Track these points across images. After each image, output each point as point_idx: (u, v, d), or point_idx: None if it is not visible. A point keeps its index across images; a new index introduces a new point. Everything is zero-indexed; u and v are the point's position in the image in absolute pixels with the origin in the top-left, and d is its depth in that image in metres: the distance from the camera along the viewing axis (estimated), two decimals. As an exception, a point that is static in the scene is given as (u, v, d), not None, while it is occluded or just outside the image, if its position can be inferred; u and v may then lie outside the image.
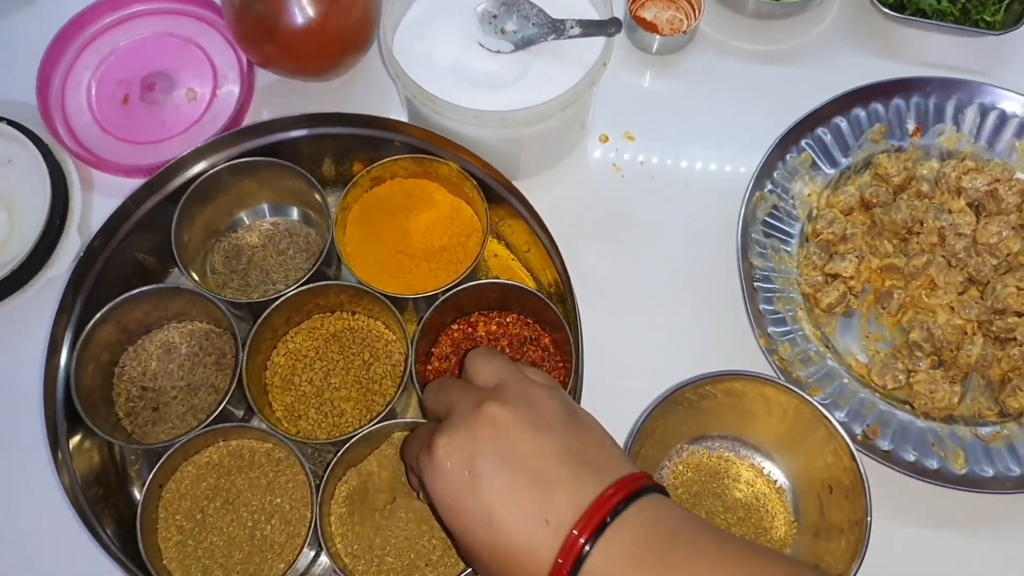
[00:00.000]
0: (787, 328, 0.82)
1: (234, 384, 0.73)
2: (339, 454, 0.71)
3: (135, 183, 0.86)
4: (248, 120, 0.93)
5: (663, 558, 0.50)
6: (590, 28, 0.81)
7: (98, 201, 0.89)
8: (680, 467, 0.78)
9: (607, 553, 0.50)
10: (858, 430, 0.78)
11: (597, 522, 0.50)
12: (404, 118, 0.92)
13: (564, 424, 0.56)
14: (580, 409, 0.60)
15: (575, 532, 0.50)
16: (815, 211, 0.88)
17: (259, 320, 0.75)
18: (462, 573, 0.67)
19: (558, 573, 0.50)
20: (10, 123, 0.88)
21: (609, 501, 0.51)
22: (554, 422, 0.56)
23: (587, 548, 0.50)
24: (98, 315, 0.74)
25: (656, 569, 0.49)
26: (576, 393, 0.74)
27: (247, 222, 0.86)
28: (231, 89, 0.93)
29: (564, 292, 0.77)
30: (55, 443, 0.72)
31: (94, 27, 0.95)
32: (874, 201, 0.86)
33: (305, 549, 0.70)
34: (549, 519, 0.51)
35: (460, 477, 0.54)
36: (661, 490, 0.54)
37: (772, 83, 0.96)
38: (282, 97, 0.94)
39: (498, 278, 0.85)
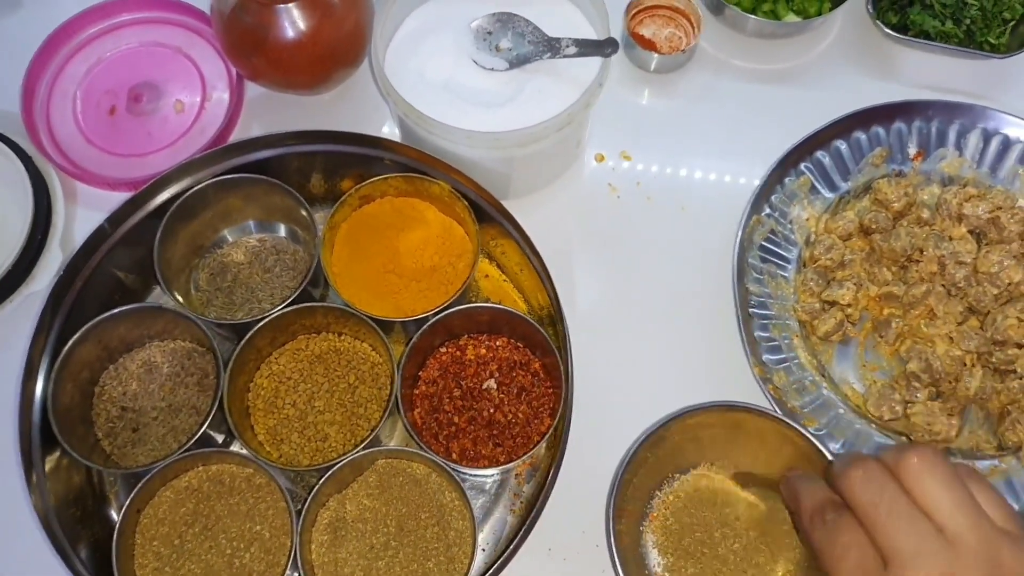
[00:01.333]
0: (782, 356, 0.81)
1: (215, 407, 0.72)
2: (322, 480, 0.69)
3: (120, 196, 0.85)
4: (236, 133, 0.92)
5: None
6: (586, 48, 0.79)
7: (81, 215, 0.87)
8: (671, 497, 0.76)
9: None
10: (853, 463, 0.76)
11: None
12: (396, 133, 0.90)
13: None
14: None
15: None
16: (813, 236, 0.86)
17: (242, 341, 0.73)
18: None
19: None
20: (-8, 133, 0.86)
21: None
22: None
23: None
24: (78, 334, 0.73)
25: None
26: (566, 421, 0.72)
27: (231, 239, 0.84)
28: (220, 101, 0.91)
29: (555, 316, 0.76)
30: (29, 465, 0.70)
31: (81, 36, 0.94)
32: (873, 227, 0.84)
33: (286, 578, 0.68)
34: None
35: None
36: None
37: (772, 103, 0.95)
38: (271, 110, 0.92)
39: (488, 300, 0.84)
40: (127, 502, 0.69)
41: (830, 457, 0.68)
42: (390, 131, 0.92)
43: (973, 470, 0.55)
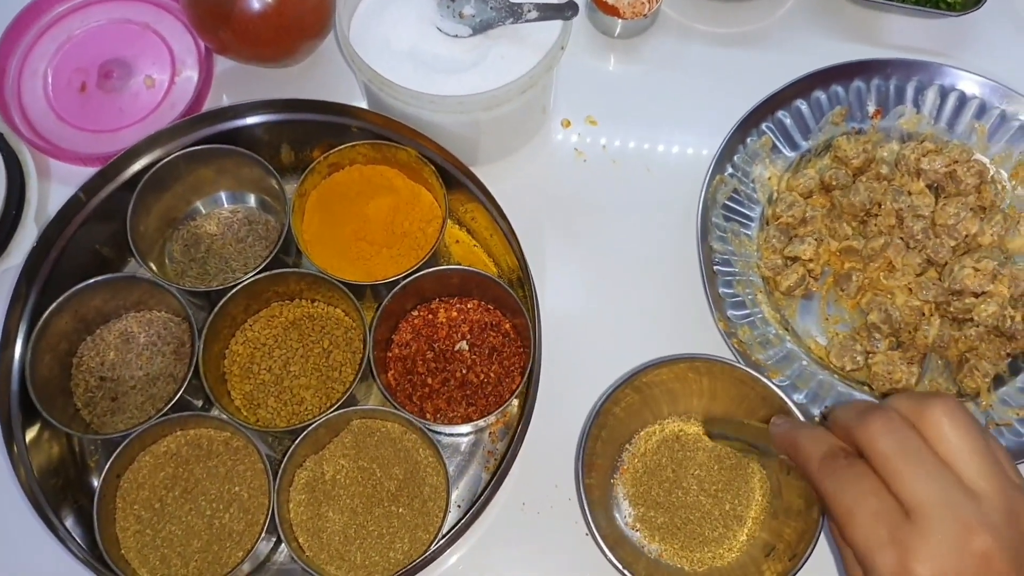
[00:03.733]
0: (746, 311, 0.83)
1: (191, 373, 0.73)
2: (297, 441, 0.71)
3: (92, 172, 0.85)
4: (207, 107, 0.93)
5: None
6: (547, 12, 0.80)
7: (55, 190, 0.88)
8: (640, 449, 0.78)
9: None
10: (816, 412, 0.79)
11: None
12: (364, 103, 0.91)
13: None
14: None
15: None
16: (775, 194, 0.88)
17: (216, 308, 0.75)
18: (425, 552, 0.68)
19: None
20: (-36, 112, 0.87)
21: None
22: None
23: None
24: (53, 305, 0.74)
25: None
26: (535, 378, 0.74)
27: (204, 210, 0.85)
28: (189, 76, 0.92)
29: (523, 278, 0.77)
30: (9, 436, 0.72)
31: (51, 14, 0.94)
32: (833, 184, 0.86)
33: (263, 537, 0.70)
34: None
35: None
36: None
37: (734, 66, 0.96)
38: (241, 83, 0.93)
39: (459, 264, 0.85)
40: (107, 467, 0.70)
41: (791, 405, 0.70)
42: (358, 102, 0.92)
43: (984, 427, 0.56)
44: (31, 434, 0.74)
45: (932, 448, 0.51)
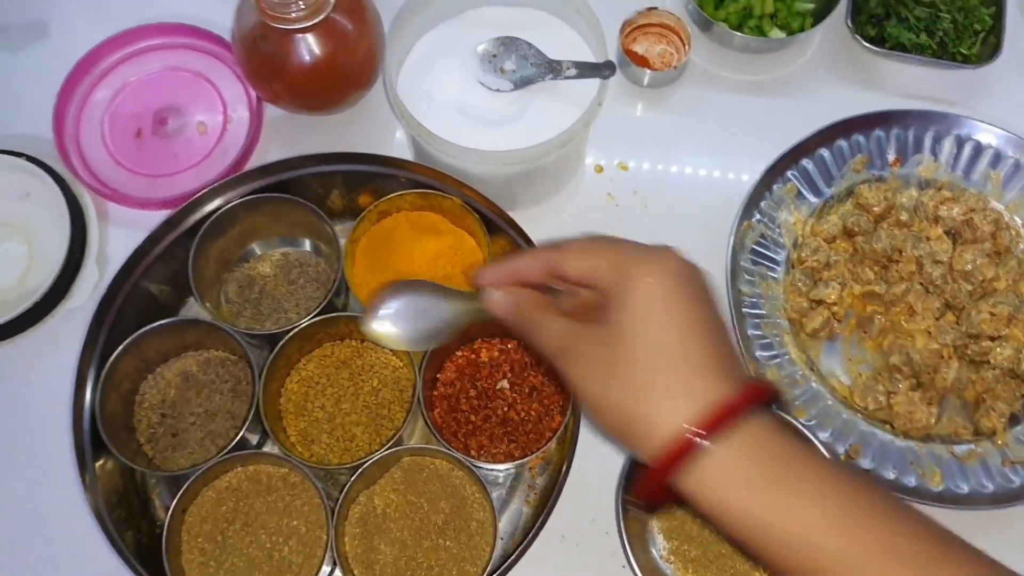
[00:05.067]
0: (774, 352, 0.87)
1: (252, 411, 0.77)
2: (353, 478, 0.75)
3: (150, 215, 0.90)
4: (257, 152, 0.97)
5: (783, 469, 0.48)
6: (585, 70, 0.85)
7: (114, 233, 0.93)
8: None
9: (729, 449, 0.48)
10: (841, 450, 0.83)
11: (729, 415, 0.48)
12: (408, 150, 0.95)
13: (713, 305, 0.54)
14: None
15: (713, 414, 0.48)
16: (800, 239, 0.92)
17: (275, 349, 0.79)
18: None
19: (679, 444, 0.48)
20: (28, 158, 0.91)
21: (745, 400, 0.49)
22: (710, 300, 0.54)
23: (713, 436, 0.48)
24: (120, 348, 0.78)
25: (773, 477, 0.48)
26: (576, 416, 0.78)
27: (259, 252, 0.90)
28: (241, 122, 0.97)
29: (563, 321, 0.81)
30: (83, 467, 0.76)
31: (106, 62, 0.98)
32: (856, 230, 0.90)
33: (323, 569, 0.74)
34: (691, 392, 0.49)
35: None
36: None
37: (759, 114, 1.00)
38: (290, 130, 0.98)
39: (499, 306, 0.89)
40: (173, 503, 0.75)
41: (819, 446, 0.74)
42: (400, 146, 0.97)
43: None
44: (99, 468, 0.78)
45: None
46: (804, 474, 0.48)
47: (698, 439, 0.48)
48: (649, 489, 0.50)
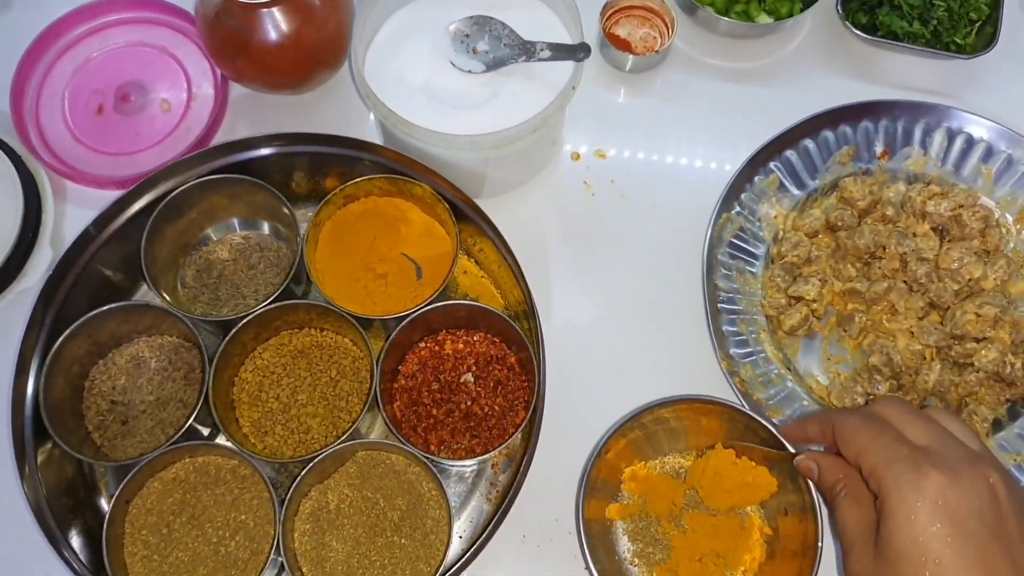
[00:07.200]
0: (749, 350, 0.84)
1: (201, 400, 0.74)
2: (304, 471, 0.72)
3: (108, 195, 0.87)
4: (222, 131, 0.94)
5: None
6: (560, 52, 0.82)
7: (71, 212, 0.90)
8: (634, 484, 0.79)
9: None
10: (816, 453, 0.80)
11: None
12: (377, 133, 0.92)
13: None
14: None
15: None
16: (781, 233, 0.89)
17: (228, 336, 0.76)
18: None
19: None
20: (-17, 133, 0.88)
21: None
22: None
23: None
24: (68, 331, 0.75)
25: None
26: (539, 412, 0.75)
27: (216, 237, 0.86)
28: (205, 100, 0.93)
29: (529, 312, 0.78)
30: (22, 457, 0.73)
31: (69, 36, 0.95)
32: (839, 224, 0.87)
33: (268, 565, 0.71)
34: None
35: (933, 521, 0.55)
36: None
37: (743, 102, 0.97)
38: (255, 109, 0.95)
39: (467, 295, 0.86)
40: (116, 493, 0.72)
41: (790, 448, 0.71)
42: (369, 128, 0.94)
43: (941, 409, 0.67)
44: (43, 455, 0.75)
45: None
46: None
47: None
48: None
